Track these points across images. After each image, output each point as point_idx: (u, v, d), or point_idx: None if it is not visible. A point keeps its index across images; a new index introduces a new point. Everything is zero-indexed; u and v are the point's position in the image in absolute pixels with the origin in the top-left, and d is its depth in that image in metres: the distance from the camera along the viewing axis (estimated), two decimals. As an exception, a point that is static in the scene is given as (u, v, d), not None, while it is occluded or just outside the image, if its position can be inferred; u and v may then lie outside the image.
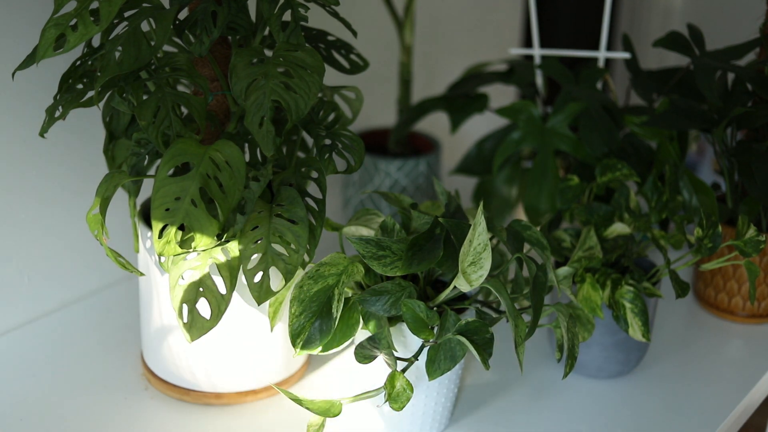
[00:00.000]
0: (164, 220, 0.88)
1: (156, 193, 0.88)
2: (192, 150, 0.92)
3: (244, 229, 0.95)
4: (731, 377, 1.19)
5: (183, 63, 0.96)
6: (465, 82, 1.49)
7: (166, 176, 0.89)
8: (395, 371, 0.92)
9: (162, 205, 0.88)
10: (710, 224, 1.09)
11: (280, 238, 0.94)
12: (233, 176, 0.91)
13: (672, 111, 1.26)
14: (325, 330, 0.96)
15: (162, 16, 0.90)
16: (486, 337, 0.93)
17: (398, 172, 1.53)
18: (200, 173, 0.90)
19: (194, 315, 0.93)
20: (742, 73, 1.24)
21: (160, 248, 0.89)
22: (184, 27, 0.94)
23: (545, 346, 1.22)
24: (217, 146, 0.92)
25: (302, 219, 0.95)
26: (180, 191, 0.89)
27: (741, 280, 1.28)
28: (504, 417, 1.09)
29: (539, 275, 0.98)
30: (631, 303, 1.07)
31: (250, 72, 0.91)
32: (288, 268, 0.94)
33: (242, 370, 1.07)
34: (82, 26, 0.86)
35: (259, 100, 0.89)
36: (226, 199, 0.90)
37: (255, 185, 0.95)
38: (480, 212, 0.90)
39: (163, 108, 0.92)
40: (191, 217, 0.88)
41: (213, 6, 0.94)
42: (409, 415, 1.02)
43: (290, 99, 0.90)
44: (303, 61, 0.92)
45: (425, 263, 0.93)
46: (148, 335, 1.09)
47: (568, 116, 1.32)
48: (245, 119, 0.89)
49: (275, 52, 0.93)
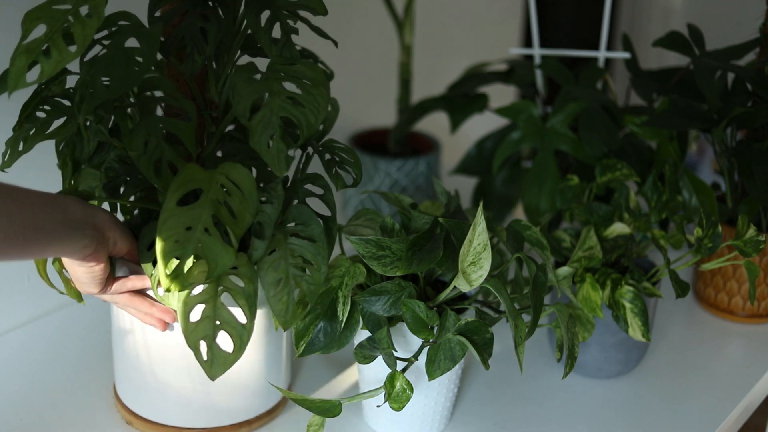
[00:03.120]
0: (174, 252, 0.81)
1: (163, 224, 0.81)
2: (200, 176, 0.86)
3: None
4: (731, 377, 1.18)
5: (167, 86, 0.90)
6: (465, 82, 1.49)
7: (174, 206, 0.82)
8: (395, 371, 0.92)
9: (170, 237, 0.81)
10: (710, 224, 1.09)
11: (301, 259, 0.90)
12: (244, 200, 0.86)
13: (672, 111, 1.26)
14: (329, 332, 0.96)
15: (148, 34, 0.85)
16: (486, 337, 0.93)
17: (398, 172, 1.53)
18: (211, 199, 0.84)
19: (214, 351, 0.87)
20: (742, 73, 1.24)
21: (169, 284, 0.82)
22: (171, 46, 0.90)
23: (545, 346, 1.22)
24: (223, 170, 0.87)
25: (320, 236, 0.92)
26: (191, 221, 0.82)
27: (741, 280, 1.28)
28: (504, 417, 1.09)
29: (539, 275, 0.98)
30: (630, 303, 1.07)
31: (253, 89, 0.86)
32: (311, 288, 0.90)
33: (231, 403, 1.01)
34: (55, 52, 0.80)
35: (266, 118, 0.84)
36: (237, 225, 0.85)
37: (270, 208, 0.90)
38: (480, 212, 0.90)
39: (153, 137, 0.87)
40: (205, 247, 0.82)
41: (200, 22, 0.89)
42: (408, 415, 1.02)
43: (300, 114, 0.85)
44: (304, 75, 0.88)
45: (425, 263, 0.93)
46: (127, 375, 1.02)
47: (568, 116, 1.32)
48: (251, 139, 0.83)
49: (271, 67, 0.88)
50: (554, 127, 1.32)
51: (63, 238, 0.81)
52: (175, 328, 0.96)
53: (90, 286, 0.90)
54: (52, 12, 0.82)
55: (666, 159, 1.27)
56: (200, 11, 0.90)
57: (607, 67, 1.40)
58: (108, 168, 0.94)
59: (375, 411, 1.04)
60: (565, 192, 1.22)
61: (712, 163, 1.64)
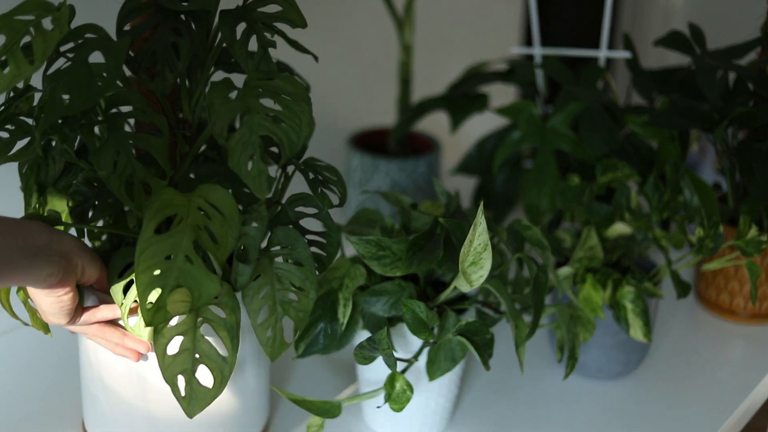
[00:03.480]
0: (155, 283, 0.76)
1: (141, 254, 0.76)
2: (177, 201, 0.80)
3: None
4: (732, 378, 1.18)
5: (136, 100, 0.85)
6: (465, 81, 1.49)
7: (152, 234, 0.77)
8: (395, 372, 0.91)
9: (149, 268, 0.76)
10: (711, 224, 1.09)
11: (289, 284, 0.87)
12: (225, 223, 0.80)
13: (673, 110, 1.26)
14: (329, 334, 0.95)
15: (114, 48, 0.80)
16: (486, 337, 0.92)
17: (398, 172, 1.53)
18: (190, 225, 0.79)
19: (193, 386, 0.82)
20: (743, 72, 1.24)
21: (150, 317, 0.77)
22: (141, 61, 0.85)
23: (546, 348, 1.22)
24: (201, 192, 0.82)
25: (307, 260, 0.88)
26: (170, 248, 0.77)
27: (742, 280, 1.28)
28: (504, 418, 1.09)
29: (540, 275, 0.98)
30: (632, 303, 1.07)
31: (230, 107, 0.81)
32: (300, 316, 0.87)
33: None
34: (13, 65, 0.75)
35: (245, 137, 0.79)
36: (219, 250, 0.80)
37: (254, 230, 0.86)
38: (480, 212, 0.89)
39: (123, 154, 0.82)
40: (187, 276, 0.77)
41: (172, 36, 0.84)
42: (408, 416, 1.02)
43: (281, 132, 0.80)
44: (283, 90, 0.83)
45: (425, 263, 0.93)
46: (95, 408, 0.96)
47: (569, 116, 1.31)
48: (229, 160, 0.78)
49: (248, 83, 0.84)
50: (555, 126, 1.32)
51: (24, 266, 0.76)
52: (149, 359, 0.90)
53: (58, 316, 0.85)
54: (12, 22, 0.77)
55: (667, 159, 1.27)
56: (172, 25, 0.85)
57: (608, 66, 1.39)
58: (75, 191, 0.89)
59: (374, 411, 1.03)
60: (565, 192, 1.21)
61: (714, 163, 1.63)
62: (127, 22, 0.86)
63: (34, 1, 0.80)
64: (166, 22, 0.85)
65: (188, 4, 0.84)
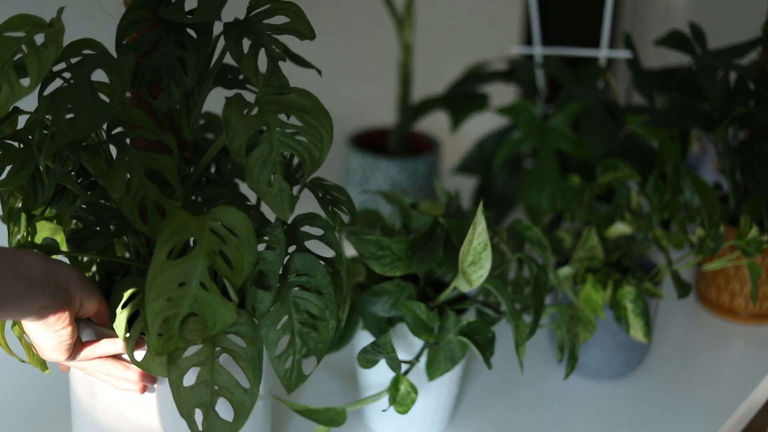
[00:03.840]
0: (167, 311, 0.73)
1: (152, 281, 0.73)
2: (191, 224, 0.76)
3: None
4: (733, 378, 1.18)
5: (140, 118, 0.81)
6: (465, 81, 1.49)
7: (165, 260, 0.74)
8: (399, 375, 0.91)
9: (161, 295, 0.73)
10: (712, 224, 1.09)
11: (307, 314, 0.82)
12: (242, 247, 0.77)
13: (673, 110, 1.26)
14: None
15: (118, 65, 0.75)
16: (488, 336, 0.92)
17: (398, 172, 1.53)
18: (205, 249, 0.75)
19: (211, 420, 0.77)
20: (744, 72, 1.23)
21: (160, 346, 0.74)
22: (144, 78, 0.80)
23: (546, 348, 1.21)
24: (215, 215, 0.78)
25: (327, 288, 0.83)
26: (184, 275, 0.74)
27: (743, 280, 1.27)
28: (504, 418, 1.09)
29: (540, 276, 0.98)
30: (632, 303, 1.06)
31: (248, 123, 0.77)
32: (320, 347, 0.82)
33: None
34: (6, 86, 0.71)
35: (265, 154, 0.75)
36: (235, 275, 0.77)
37: (272, 255, 0.81)
38: (480, 212, 0.89)
39: (135, 175, 0.78)
40: (201, 303, 0.74)
41: (178, 51, 0.80)
42: (409, 416, 1.01)
43: (302, 149, 0.76)
44: (299, 105, 0.79)
45: (425, 263, 0.92)
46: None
47: (569, 116, 1.31)
48: (248, 179, 0.75)
49: (261, 98, 0.80)
50: (555, 126, 1.32)
51: (15, 298, 0.71)
52: (155, 390, 0.85)
53: (56, 352, 0.79)
54: (2, 40, 0.73)
55: (668, 159, 1.27)
56: (175, 38, 0.81)
57: (608, 66, 1.39)
58: (75, 217, 0.84)
59: (374, 412, 1.03)
60: (565, 192, 1.21)
61: (714, 162, 1.63)
62: (126, 36, 0.81)
63: (22, 17, 0.75)
64: (168, 35, 0.81)
65: (193, 16, 0.80)
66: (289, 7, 0.83)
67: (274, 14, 0.83)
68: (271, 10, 0.83)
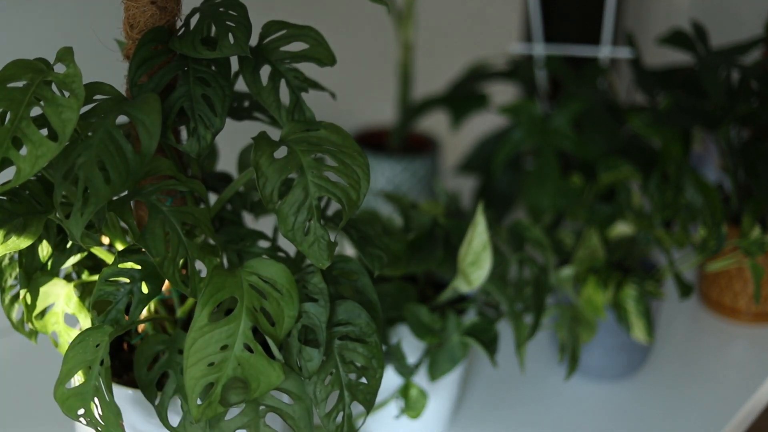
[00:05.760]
0: (208, 377, 0.68)
1: (191, 346, 0.68)
2: (229, 281, 0.71)
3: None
4: (735, 379, 1.17)
5: (166, 168, 0.75)
6: (466, 80, 1.48)
7: (206, 323, 0.69)
8: (408, 381, 0.91)
9: (202, 360, 0.68)
10: (714, 224, 1.08)
11: (353, 366, 0.77)
12: (283, 301, 0.72)
13: (676, 109, 1.25)
14: None
15: (144, 110, 0.68)
16: (491, 334, 0.92)
17: (398, 172, 1.52)
18: (247, 308, 0.70)
19: None
20: (747, 71, 1.23)
21: (200, 413, 0.68)
22: (167, 120, 0.74)
23: (546, 349, 1.21)
24: (251, 269, 0.73)
25: (372, 336, 0.77)
26: (226, 337, 0.69)
27: (746, 280, 1.27)
28: (505, 418, 1.08)
29: (540, 276, 0.97)
30: (634, 304, 1.06)
31: (279, 167, 0.71)
32: (368, 399, 0.77)
33: None
34: (30, 145, 0.63)
35: (299, 200, 0.70)
36: (276, 332, 0.72)
37: (316, 308, 0.75)
38: (480, 212, 0.88)
39: (173, 234, 0.72)
40: (246, 366, 0.69)
41: (201, 88, 0.73)
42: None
43: (339, 191, 0.71)
44: (330, 141, 0.73)
45: (425, 263, 0.92)
46: None
47: (571, 115, 1.31)
48: (281, 227, 0.70)
49: (288, 137, 0.74)
50: (556, 126, 1.31)
51: None
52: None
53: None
54: (9, 94, 0.65)
55: (670, 158, 1.26)
56: (195, 74, 0.74)
57: (610, 65, 1.39)
58: (104, 294, 0.75)
59: (375, 414, 1.03)
60: (567, 192, 1.21)
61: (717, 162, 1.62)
62: (141, 75, 0.74)
63: (18, 63, 0.68)
64: (185, 71, 0.74)
65: (215, 50, 0.73)
66: (308, 33, 0.78)
67: (291, 40, 0.77)
68: (288, 36, 0.77)
